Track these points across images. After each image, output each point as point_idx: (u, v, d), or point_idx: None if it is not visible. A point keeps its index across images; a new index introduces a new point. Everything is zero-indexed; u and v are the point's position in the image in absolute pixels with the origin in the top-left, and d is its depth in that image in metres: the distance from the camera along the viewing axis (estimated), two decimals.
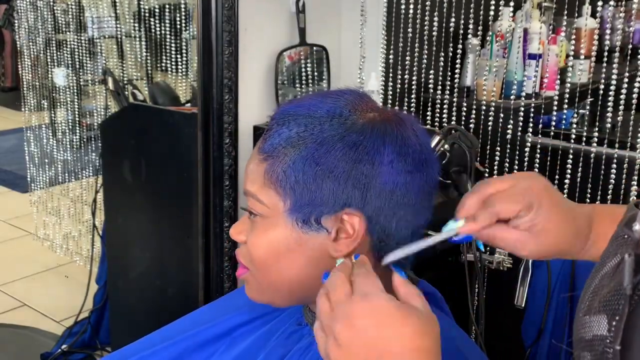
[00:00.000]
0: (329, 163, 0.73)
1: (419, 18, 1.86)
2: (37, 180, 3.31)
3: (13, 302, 3.05)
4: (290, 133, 0.75)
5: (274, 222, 0.77)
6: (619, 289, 0.53)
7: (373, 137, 0.73)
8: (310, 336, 0.84)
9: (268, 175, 0.76)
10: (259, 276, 0.80)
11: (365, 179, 0.73)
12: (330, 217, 0.75)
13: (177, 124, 1.97)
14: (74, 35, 3.06)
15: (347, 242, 0.75)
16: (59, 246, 3.28)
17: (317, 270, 0.77)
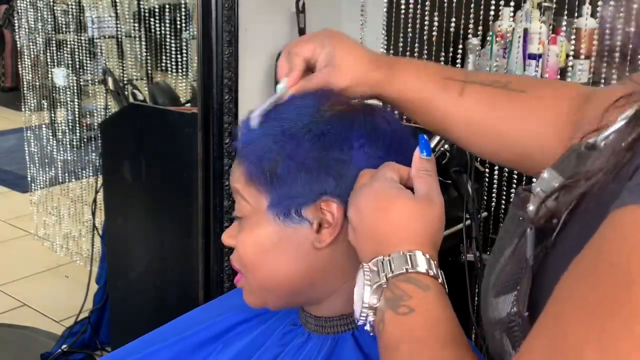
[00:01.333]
0: (300, 155, 0.74)
1: (419, 18, 1.86)
2: (37, 180, 3.31)
3: (13, 302, 3.05)
4: (261, 130, 0.77)
5: (258, 220, 0.78)
6: (522, 262, 0.56)
7: (341, 124, 0.75)
8: (303, 336, 0.84)
9: (247, 173, 0.78)
10: (250, 278, 0.81)
11: (337, 166, 0.74)
12: (310, 208, 0.76)
13: (177, 124, 1.97)
14: (74, 35, 3.07)
15: (329, 231, 0.76)
16: (59, 246, 3.28)
17: (303, 264, 0.78)
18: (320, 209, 0.75)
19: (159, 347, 0.95)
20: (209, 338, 0.94)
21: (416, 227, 0.68)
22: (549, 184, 0.59)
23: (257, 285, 0.82)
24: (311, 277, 0.79)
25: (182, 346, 0.94)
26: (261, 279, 0.81)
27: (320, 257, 0.78)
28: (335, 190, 0.74)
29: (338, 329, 0.81)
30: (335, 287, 0.80)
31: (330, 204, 0.75)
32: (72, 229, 3.23)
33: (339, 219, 0.75)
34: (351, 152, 0.74)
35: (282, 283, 0.80)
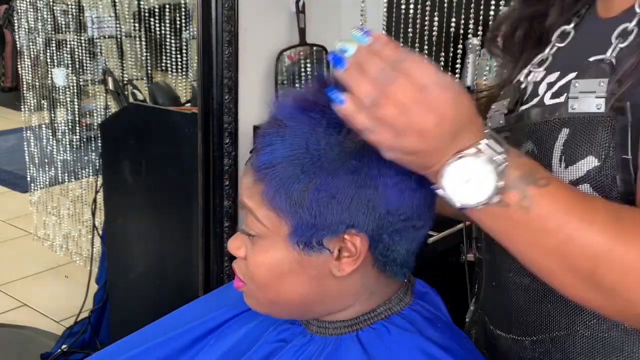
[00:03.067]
0: (331, 189, 0.70)
1: (419, 18, 1.86)
2: (37, 180, 3.31)
3: (13, 302, 3.05)
4: (285, 152, 0.71)
5: (273, 243, 0.75)
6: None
7: (374, 160, 0.70)
8: (305, 337, 0.83)
9: (266, 197, 0.73)
10: (259, 293, 0.80)
11: (369, 203, 0.71)
12: (333, 238, 0.73)
13: (177, 124, 1.97)
14: (74, 35, 3.07)
15: (349, 261, 0.74)
16: (59, 246, 3.28)
17: (319, 288, 0.76)
18: (342, 239, 0.73)
19: (151, 346, 0.94)
20: (200, 335, 0.93)
21: (470, 104, 0.66)
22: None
23: (266, 300, 0.80)
24: (324, 299, 0.78)
25: (174, 344, 0.93)
26: (271, 297, 0.79)
27: (335, 284, 0.76)
28: (363, 224, 0.72)
29: (341, 330, 0.81)
30: (346, 305, 0.80)
31: (355, 237, 0.72)
32: (72, 229, 3.23)
33: (362, 251, 0.73)
34: (386, 190, 0.71)
35: (293, 303, 0.79)
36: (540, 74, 0.84)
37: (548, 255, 0.65)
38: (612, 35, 0.76)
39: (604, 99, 0.72)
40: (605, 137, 0.72)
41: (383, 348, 0.77)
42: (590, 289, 0.65)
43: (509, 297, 0.86)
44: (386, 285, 0.80)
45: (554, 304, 0.81)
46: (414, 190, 0.72)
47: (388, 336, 0.78)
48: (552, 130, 0.75)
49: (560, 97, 0.77)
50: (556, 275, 0.66)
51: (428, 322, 0.80)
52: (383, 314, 0.80)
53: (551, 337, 0.82)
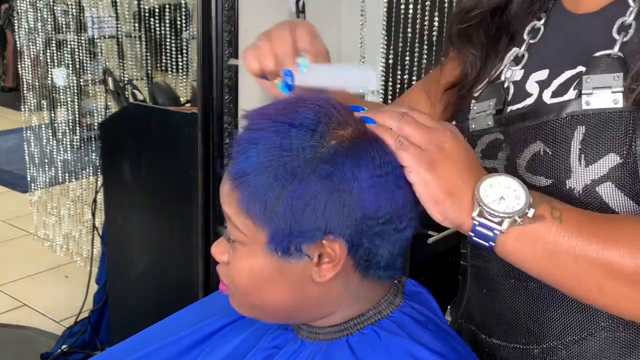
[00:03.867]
0: (305, 196, 0.69)
1: (419, 18, 1.86)
2: (37, 180, 3.31)
3: (13, 302, 3.06)
4: (258, 160, 0.71)
5: (253, 250, 0.74)
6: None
7: (347, 164, 0.69)
8: (296, 343, 0.83)
9: (242, 205, 0.72)
10: (241, 297, 0.80)
11: (344, 208, 0.70)
12: (311, 245, 0.72)
13: (177, 124, 1.97)
14: (74, 35, 3.07)
15: (329, 267, 0.73)
16: (59, 246, 3.28)
17: (300, 294, 0.76)
18: (321, 245, 0.72)
19: (148, 352, 0.94)
20: (197, 341, 0.93)
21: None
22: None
23: (249, 305, 0.80)
24: (306, 305, 0.78)
25: (170, 351, 0.93)
26: (254, 302, 0.79)
27: (317, 289, 0.75)
28: (340, 229, 0.71)
29: (332, 335, 0.80)
30: (331, 311, 0.79)
31: (333, 243, 0.71)
32: (72, 229, 3.23)
33: (341, 256, 0.72)
34: (361, 194, 0.70)
35: (276, 309, 0.78)
36: (519, 73, 0.84)
37: (591, 267, 0.65)
38: (608, 26, 0.76)
39: (622, 93, 0.72)
40: (625, 132, 0.71)
41: (373, 353, 0.76)
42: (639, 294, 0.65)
43: (510, 303, 0.85)
44: (372, 289, 0.79)
45: (564, 307, 0.79)
46: (391, 192, 0.71)
47: (378, 341, 0.77)
48: (565, 129, 0.75)
49: (564, 94, 0.76)
50: (607, 290, 0.66)
51: (419, 325, 0.79)
52: (372, 318, 0.79)
53: (564, 343, 0.80)
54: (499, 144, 0.82)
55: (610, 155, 0.72)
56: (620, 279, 0.64)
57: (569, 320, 0.80)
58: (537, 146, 0.77)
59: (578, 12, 0.82)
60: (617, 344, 0.77)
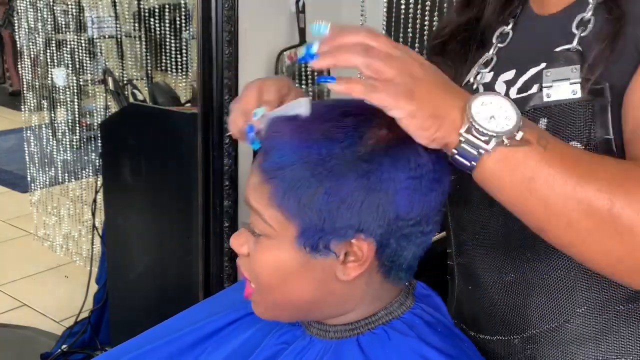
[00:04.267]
0: (341, 193, 0.70)
1: (419, 18, 1.86)
2: (37, 180, 3.31)
3: (13, 302, 3.05)
4: (295, 155, 0.71)
5: (279, 243, 0.74)
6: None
7: (385, 164, 0.70)
8: (305, 340, 0.84)
9: (274, 198, 0.72)
10: (265, 294, 0.79)
11: (379, 208, 0.70)
12: (341, 242, 0.72)
13: (177, 124, 1.97)
14: (74, 35, 3.07)
15: (355, 266, 0.73)
16: (59, 246, 3.28)
17: (323, 291, 0.76)
18: (349, 244, 0.72)
19: (152, 348, 0.94)
20: (201, 338, 0.93)
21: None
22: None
23: (271, 302, 0.80)
24: (327, 301, 0.78)
25: (175, 346, 0.93)
26: (276, 298, 0.79)
27: (340, 287, 0.76)
28: (372, 229, 0.71)
29: (342, 334, 0.81)
30: (348, 309, 0.80)
31: (362, 242, 0.72)
32: (72, 229, 3.23)
33: (369, 256, 0.73)
34: (396, 195, 0.71)
35: (298, 305, 0.79)
36: (488, 76, 0.87)
37: (567, 200, 0.64)
38: (569, 24, 0.78)
39: (579, 84, 0.74)
40: (585, 121, 0.74)
41: (382, 353, 0.77)
42: (609, 233, 0.64)
43: (492, 297, 0.86)
44: (388, 290, 0.80)
45: (542, 297, 0.81)
46: (424, 195, 0.72)
47: (388, 341, 0.78)
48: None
49: (529, 90, 0.79)
50: (574, 223, 0.65)
51: (429, 326, 0.80)
52: (384, 318, 0.80)
53: (542, 331, 0.82)
54: None
55: (572, 143, 0.74)
56: (591, 215, 0.64)
57: (546, 308, 0.81)
58: None
59: (544, 13, 0.84)
60: (592, 329, 0.79)
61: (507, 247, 0.83)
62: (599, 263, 0.67)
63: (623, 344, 0.78)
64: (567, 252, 0.70)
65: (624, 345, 0.78)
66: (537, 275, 0.81)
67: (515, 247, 0.82)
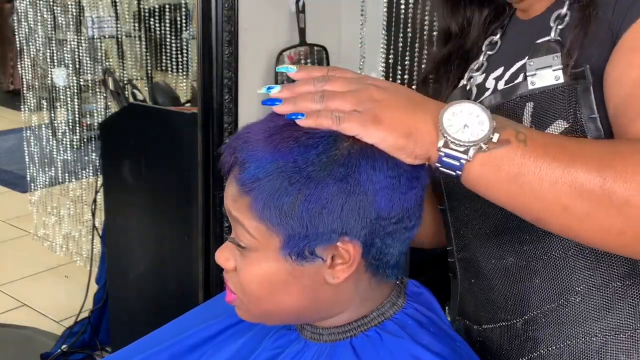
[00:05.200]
0: (321, 199, 0.70)
1: (419, 18, 1.86)
2: (37, 180, 3.31)
3: (13, 302, 3.05)
4: (271, 166, 0.71)
5: (265, 255, 0.74)
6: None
7: (362, 166, 0.70)
8: (300, 344, 0.83)
9: (254, 210, 0.72)
10: (251, 305, 0.79)
11: (360, 210, 0.71)
12: (326, 247, 0.72)
13: (177, 124, 1.97)
14: (74, 35, 3.06)
15: (343, 268, 0.73)
16: (59, 246, 3.28)
17: (313, 296, 0.76)
18: (335, 247, 0.73)
19: (150, 354, 0.94)
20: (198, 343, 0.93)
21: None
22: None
23: (260, 311, 0.79)
24: (318, 306, 0.78)
25: (173, 351, 0.93)
26: (266, 308, 0.78)
27: (330, 291, 0.76)
28: (356, 230, 0.72)
29: (336, 337, 0.81)
30: (339, 311, 0.80)
31: (348, 244, 0.72)
32: (72, 229, 3.23)
33: (356, 257, 0.73)
34: (376, 197, 0.71)
35: (289, 312, 0.79)
36: (480, 77, 0.91)
37: (558, 186, 0.65)
38: (549, 21, 0.82)
39: (561, 70, 0.77)
40: (569, 103, 0.76)
41: (376, 355, 0.77)
42: (606, 210, 0.64)
43: (493, 284, 0.87)
44: (378, 289, 0.80)
45: (541, 278, 0.82)
46: (403, 193, 0.72)
47: (381, 343, 0.78)
48: (517, 108, 0.80)
49: (515, 80, 0.82)
50: (570, 207, 0.65)
51: (421, 327, 0.80)
52: (376, 319, 0.80)
53: (543, 312, 0.83)
54: None
55: (558, 122, 0.76)
56: (585, 196, 0.65)
57: (545, 288, 0.82)
58: None
59: (528, 18, 0.89)
60: (592, 307, 0.80)
61: (505, 232, 0.84)
62: (601, 241, 0.68)
63: (622, 321, 0.79)
64: (569, 237, 0.71)
65: (623, 322, 0.79)
66: (536, 256, 0.82)
67: (513, 230, 0.83)
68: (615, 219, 0.64)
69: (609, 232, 0.66)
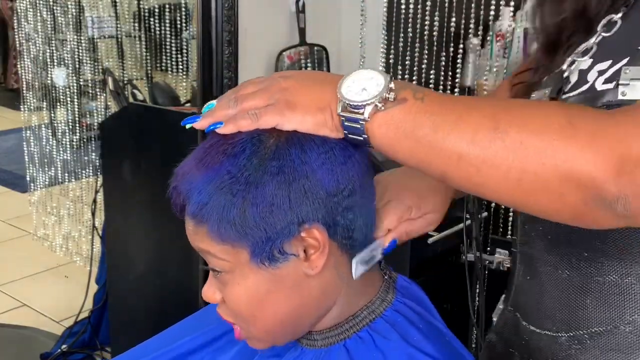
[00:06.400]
0: (266, 199, 0.70)
1: (419, 18, 1.86)
2: (37, 180, 3.31)
3: (13, 302, 3.05)
4: (210, 186, 0.72)
5: (240, 272, 0.75)
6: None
7: (292, 153, 0.71)
8: (297, 351, 0.83)
9: (213, 234, 0.73)
10: (250, 327, 0.79)
11: (307, 194, 0.71)
12: (291, 241, 0.73)
13: (177, 124, 1.96)
14: (74, 35, 3.06)
15: (317, 255, 0.73)
16: (59, 246, 3.28)
17: (301, 295, 0.76)
18: (302, 238, 0.72)
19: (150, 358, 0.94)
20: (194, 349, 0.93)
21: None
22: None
23: (262, 332, 0.79)
24: (311, 304, 0.78)
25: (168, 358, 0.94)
26: (263, 326, 0.78)
27: (316, 282, 0.76)
28: (312, 215, 0.72)
29: (330, 340, 0.81)
30: (332, 303, 0.79)
31: (311, 230, 0.72)
32: (72, 229, 3.23)
33: (324, 240, 0.73)
34: (316, 175, 0.71)
35: (286, 321, 0.78)
36: (586, 63, 0.82)
37: (450, 136, 0.64)
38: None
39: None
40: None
41: (369, 356, 0.77)
42: (501, 155, 0.62)
43: (545, 291, 0.85)
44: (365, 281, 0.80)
45: (593, 298, 0.80)
46: (343, 164, 0.73)
47: (373, 346, 0.78)
48: None
49: (611, 83, 0.76)
50: (465, 157, 0.63)
51: (410, 324, 0.80)
52: (367, 318, 0.80)
53: (590, 333, 0.81)
54: None
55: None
56: (477, 141, 0.63)
57: (596, 310, 0.80)
58: None
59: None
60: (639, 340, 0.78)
61: (567, 244, 0.82)
62: (500, 192, 0.65)
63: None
64: (477, 193, 0.69)
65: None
66: (591, 275, 0.80)
67: (574, 244, 0.81)
68: (511, 162, 0.62)
69: (507, 180, 0.63)
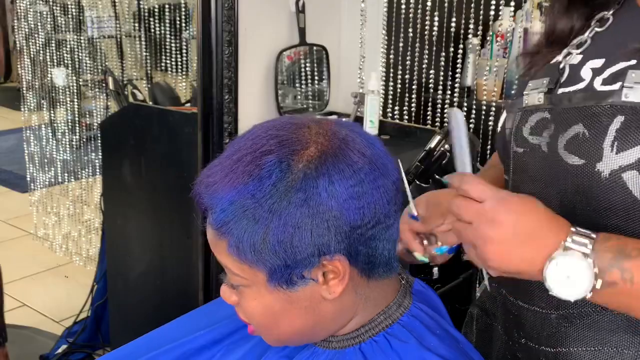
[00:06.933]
0: (288, 229, 0.70)
1: (419, 18, 1.86)
2: (37, 180, 3.31)
3: (13, 302, 3.05)
4: (233, 207, 0.71)
5: (257, 289, 0.75)
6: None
7: (320, 185, 0.70)
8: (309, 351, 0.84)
9: (233, 252, 0.73)
10: (265, 332, 0.80)
11: (330, 227, 0.70)
12: (311, 270, 0.72)
13: (177, 124, 1.97)
14: (74, 35, 3.07)
15: (336, 282, 0.73)
16: (59, 246, 3.28)
17: (316, 315, 0.76)
18: (322, 265, 0.72)
19: (157, 353, 0.94)
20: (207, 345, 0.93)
21: (543, 211, 0.72)
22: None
23: (274, 338, 0.81)
24: (325, 322, 0.78)
25: (179, 352, 0.93)
26: (277, 335, 0.79)
27: (331, 305, 0.76)
28: (334, 247, 0.71)
29: (345, 343, 0.81)
30: (349, 318, 0.80)
31: (332, 261, 0.72)
32: (72, 229, 3.23)
33: (345, 270, 0.73)
34: (342, 209, 0.70)
35: (299, 334, 0.79)
36: (577, 58, 0.85)
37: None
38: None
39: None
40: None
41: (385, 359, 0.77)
42: None
43: None
44: (380, 288, 0.80)
45: None
46: (371, 196, 0.72)
47: (389, 349, 0.78)
48: (605, 116, 0.76)
49: (614, 84, 0.78)
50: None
51: (427, 330, 0.80)
52: (383, 323, 0.80)
53: (578, 312, 0.82)
54: (545, 122, 0.84)
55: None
56: None
57: None
58: (578, 128, 0.79)
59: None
60: (629, 321, 0.80)
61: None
62: None
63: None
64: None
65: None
66: None
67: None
68: None
69: None
